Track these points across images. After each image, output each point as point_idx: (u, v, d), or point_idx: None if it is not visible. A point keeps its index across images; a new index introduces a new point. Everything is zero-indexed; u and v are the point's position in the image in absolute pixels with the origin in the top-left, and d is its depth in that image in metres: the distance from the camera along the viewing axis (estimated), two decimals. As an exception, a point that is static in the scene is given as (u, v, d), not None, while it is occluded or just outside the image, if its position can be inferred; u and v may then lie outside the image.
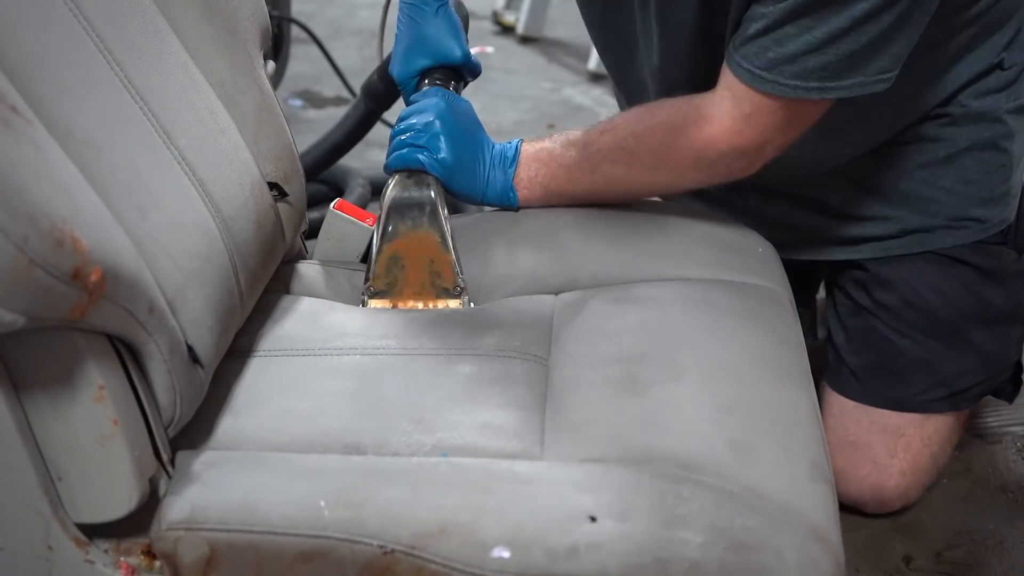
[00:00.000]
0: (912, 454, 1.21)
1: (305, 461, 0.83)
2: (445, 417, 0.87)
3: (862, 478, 1.21)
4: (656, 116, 1.09)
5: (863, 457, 1.21)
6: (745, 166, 1.07)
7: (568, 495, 0.77)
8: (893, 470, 1.21)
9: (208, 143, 0.94)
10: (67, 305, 0.66)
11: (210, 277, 0.88)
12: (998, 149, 1.18)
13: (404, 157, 1.08)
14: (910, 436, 1.21)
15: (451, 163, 1.08)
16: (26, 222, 0.62)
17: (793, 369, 0.96)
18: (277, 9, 2.22)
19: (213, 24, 1.00)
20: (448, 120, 1.09)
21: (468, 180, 1.11)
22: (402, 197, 1.07)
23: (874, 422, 1.22)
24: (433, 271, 1.07)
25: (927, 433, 1.22)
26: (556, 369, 0.95)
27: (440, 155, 1.07)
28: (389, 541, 0.75)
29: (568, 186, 1.12)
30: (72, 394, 0.72)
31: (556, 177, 1.12)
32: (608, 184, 1.11)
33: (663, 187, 1.14)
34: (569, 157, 1.11)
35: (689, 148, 1.06)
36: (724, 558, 0.72)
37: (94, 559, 0.78)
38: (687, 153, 1.06)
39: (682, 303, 1.01)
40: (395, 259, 1.07)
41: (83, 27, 0.83)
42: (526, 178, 1.13)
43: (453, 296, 1.08)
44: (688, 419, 0.86)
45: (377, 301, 1.09)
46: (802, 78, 0.97)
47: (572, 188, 1.13)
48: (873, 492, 1.22)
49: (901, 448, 1.21)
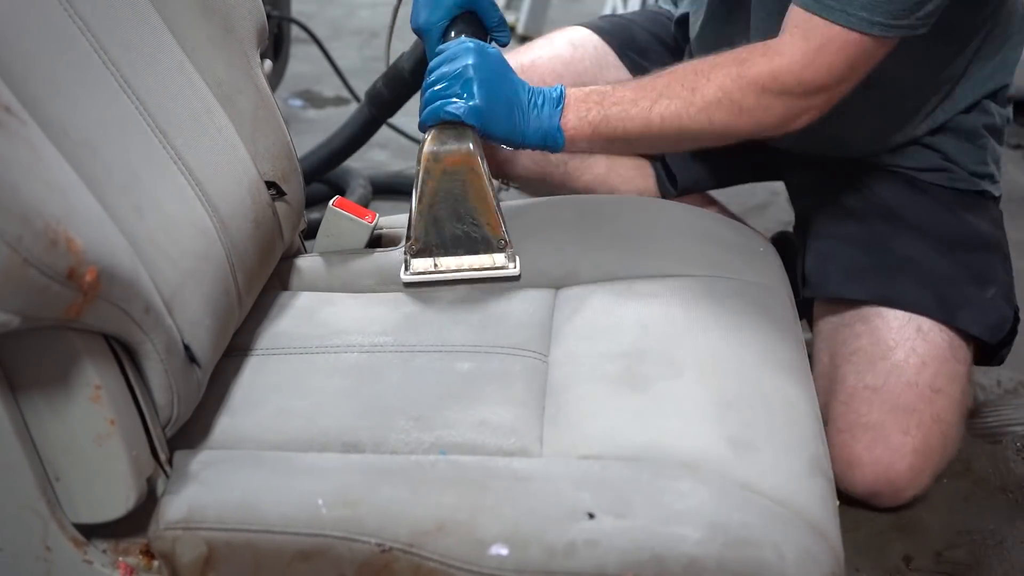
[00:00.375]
0: (924, 431, 1.21)
1: (303, 460, 0.83)
2: (443, 414, 0.87)
3: (876, 460, 1.21)
4: (722, 55, 1.11)
5: (877, 439, 1.21)
6: (803, 111, 1.10)
7: (566, 492, 0.77)
8: (906, 449, 1.21)
9: (205, 142, 0.94)
10: (62, 305, 0.66)
11: (207, 276, 0.88)
12: None
13: (436, 111, 1.07)
14: (921, 412, 1.21)
15: (484, 109, 1.06)
16: (20, 222, 0.62)
17: (792, 366, 0.95)
18: (277, 9, 2.22)
19: (210, 23, 1.00)
20: (480, 65, 1.07)
21: (506, 123, 1.09)
22: (439, 151, 1.04)
23: (885, 401, 1.22)
24: (474, 223, 1.05)
25: (937, 409, 1.22)
26: (555, 366, 0.94)
27: (473, 101, 1.06)
28: (387, 539, 0.75)
29: (620, 124, 1.11)
30: (69, 394, 0.72)
31: (608, 115, 1.11)
32: (664, 122, 1.10)
33: (721, 126, 1.12)
34: (623, 96, 1.11)
35: (755, 80, 1.07)
36: (723, 554, 0.72)
37: (92, 559, 0.79)
38: (752, 86, 1.08)
39: (682, 300, 1.01)
40: (435, 214, 1.05)
41: (78, 27, 0.83)
42: (574, 118, 1.11)
43: (497, 249, 1.07)
44: (687, 415, 0.86)
45: (419, 260, 1.07)
46: (868, 10, 1.02)
47: (624, 126, 1.11)
48: (888, 475, 1.21)
49: (913, 425, 1.21)
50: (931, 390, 1.23)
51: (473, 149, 1.04)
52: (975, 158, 1.33)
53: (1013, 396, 1.54)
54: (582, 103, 1.12)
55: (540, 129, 1.11)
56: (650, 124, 1.11)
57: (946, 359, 1.25)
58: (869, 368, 1.25)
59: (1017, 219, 2.08)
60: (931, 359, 1.24)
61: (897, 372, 1.23)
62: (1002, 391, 1.55)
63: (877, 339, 1.26)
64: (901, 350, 1.24)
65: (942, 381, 1.24)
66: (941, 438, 1.24)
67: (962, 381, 1.27)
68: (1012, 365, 1.57)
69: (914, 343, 1.25)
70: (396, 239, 1.17)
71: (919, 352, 1.24)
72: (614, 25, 1.53)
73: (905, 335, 1.25)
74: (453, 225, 1.06)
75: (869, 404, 1.23)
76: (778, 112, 1.10)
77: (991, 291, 1.28)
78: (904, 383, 1.23)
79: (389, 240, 1.18)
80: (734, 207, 1.67)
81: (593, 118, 1.11)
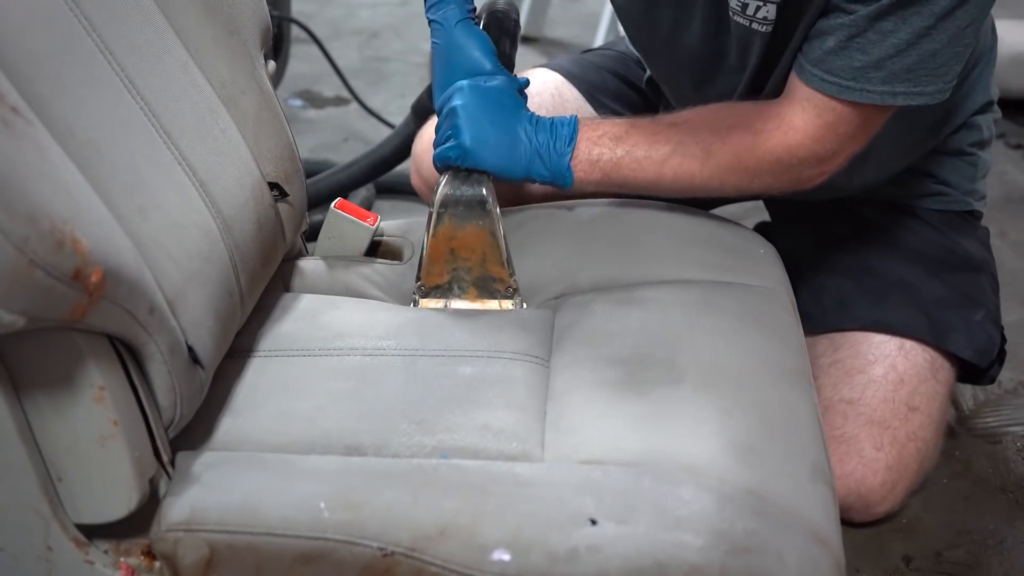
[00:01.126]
0: (898, 448, 1.21)
1: (305, 462, 0.83)
2: (445, 418, 0.87)
3: (848, 474, 1.20)
4: (736, 117, 1.10)
5: (850, 452, 1.21)
6: (815, 175, 1.10)
7: (568, 497, 0.77)
8: (879, 464, 1.20)
9: (209, 143, 0.94)
10: (67, 306, 0.66)
11: (210, 277, 0.87)
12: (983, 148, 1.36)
13: (436, 156, 1.07)
14: (896, 429, 1.21)
15: (471, 145, 1.05)
16: (26, 223, 0.62)
17: (793, 371, 0.95)
18: (277, 9, 2.22)
19: (214, 24, 1.00)
20: (470, 102, 1.07)
21: (505, 158, 1.08)
22: (452, 195, 1.05)
23: (860, 414, 1.22)
24: (484, 269, 1.06)
25: (913, 428, 1.22)
26: (557, 371, 0.94)
27: (459, 139, 1.05)
28: (389, 543, 0.75)
29: (632, 173, 1.10)
30: (72, 395, 0.72)
31: (620, 165, 1.10)
32: (676, 178, 1.10)
33: (732, 188, 1.12)
34: (636, 144, 1.10)
35: (770, 152, 1.07)
36: (725, 561, 0.72)
37: (94, 560, 0.78)
38: (768, 157, 1.07)
39: (683, 305, 1.01)
40: (445, 257, 1.06)
41: (84, 27, 0.83)
42: (586, 161, 1.09)
43: (505, 296, 1.07)
44: (689, 421, 0.86)
45: (429, 300, 1.08)
46: (889, 83, 1.00)
47: (636, 176, 1.10)
48: (859, 490, 1.21)
49: (887, 441, 1.21)
50: (908, 407, 1.23)
51: (485, 194, 1.05)
52: (967, 175, 1.34)
53: (1013, 396, 1.55)
54: (596, 144, 1.10)
55: (549, 167, 1.10)
56: (662, 177, 1.10)
57: (925, 378, 1.25)
58: (846, 381, 1.25)
59: (1017, 219, 2.09)
60: (910, 377, 1.24)
61: (874, 387, 1.23)
62: (1002, 391, 1.56)
63: (856, 352, 1.26)
64: (880, 365, 1.25)
65: (920, 399, 1.24)
66: (916, 456, 1.23)
67: (941, 400, 1.27)
68: (1012, 365, 1.58)
69: (894, 360, 1.25)
70: (396, 250, 1.18)
71: (898, 369, 1.24)
72: (583, 68, 1.50)
73: (885, 351, 1.25)
74: (463, 270, 1.07)
75: (844, 417, 1.23)
76: (790, 180, 1.11)
77: (980, 314, 1.29)
78: (880, 398, 1.23)
79: (389, 250, 1.18)
80: (732, 208, 1.67)
81: (605, 163, 1.10)
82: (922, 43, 0.98)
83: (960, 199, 1.34)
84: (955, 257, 1.31)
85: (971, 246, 1.33)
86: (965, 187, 1.34)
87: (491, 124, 1.07)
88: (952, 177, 1.33)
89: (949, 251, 1.31)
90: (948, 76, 1.02)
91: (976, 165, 1.34)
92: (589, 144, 1.10)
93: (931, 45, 0.98)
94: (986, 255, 1.35)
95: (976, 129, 1.33)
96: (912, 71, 1.00)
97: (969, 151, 1.33)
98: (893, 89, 1.01)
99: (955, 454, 1.42)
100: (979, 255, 1.34)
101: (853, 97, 1.02)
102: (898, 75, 1.00)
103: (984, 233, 1.37)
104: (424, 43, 3.15)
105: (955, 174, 1.33)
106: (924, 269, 1.29)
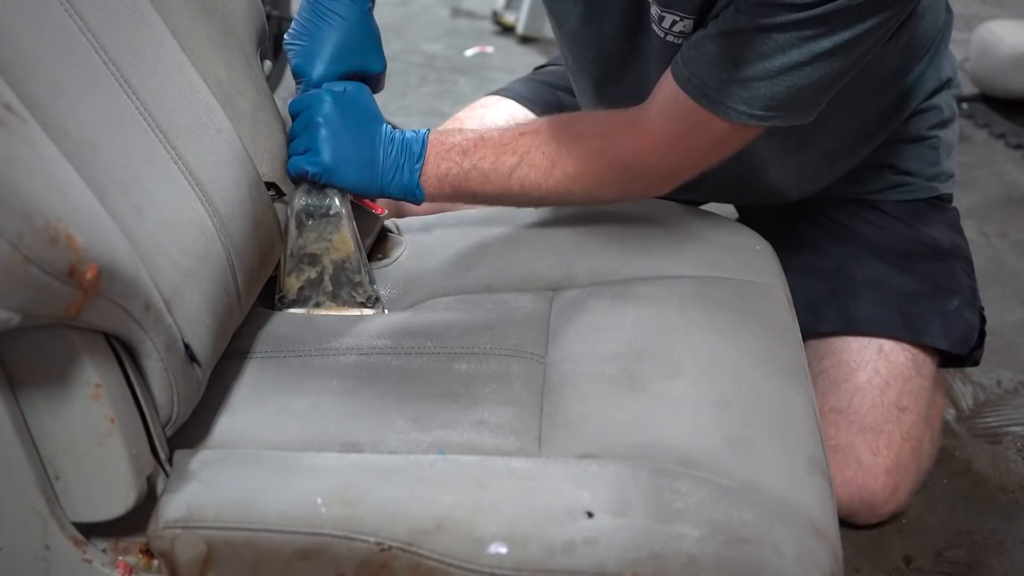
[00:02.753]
0: (894, 450, 1.21)
1: (302, 459, 0.83)
2: (442, 415, 0.87)
3: (848, 480, 1.20)
4: (584, 123, 1.08)
5: (847, 459, 1.21)
6: (664, 184, 1.08)
7: (565, 491, 0.77)
8: (878, 469, 1.20)
9: (205, 143, 0.94)
10: (62, 303, 0.66)
11: (207, 276, 0.88)
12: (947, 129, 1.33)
13: (291, 165, 1.06)
14: (889, 432, 1.21)
15: (332, 165, 1.04)
16: (20, 220, 0.62)
17: (790, 365, 0.96)
18: (277, 9, 2.23)
19: (210, 24, 1.00)
20: (334, 116, 1.05)
21: (361, 177, 1.06)
22: (305, 205, 1.05)
23: (852, 422, 1.22)
24: (344, 279, 1.07)
25: (905, 428, 1.22)
26: (553, 366, 0.95)
27: (319, 158, 1.04)
28: (386, 538, 0.75)
29: (480, 186, 1.08)
30: (69, 392, 0.72)
31: (468, 178, 1.08)
32: (523, 189, 1.07)
33: (580, 197, 1.10)
34: (483, 157, 1.07)
35: (616, 159, 1.05)
36: (721, 552, 0.72)
37: (92, 558, 0.78)
38: (614, 164, 1.05)
39: (679, 300, 1.01)
40: (303, 268, 1.06)
41: (79, 27, 0.83)
42: (434, 176, 1.08)
43: (367, 306, 1.07)
44: (685, 415, 0.86)
45: (291, 309, 1.08)
46: (748, 104, 0.98)
47: (484, 190, 1.08)
48: (861, 495, 1.21)
49: (883, 445, 1.21)
50: (897, 409, 1.23)
51: (338, 204, 1.04)
52: (929, 160, 1.31)
53: (1013, 396, 1.55)
54: (443, 159, 1.08)
55: (400, 183, 1.08)
56: (509, 189, 1.08)
57: (909, 377, 1.25)
58: (833, 391, 1.25)
59: (1017, 219, 2.10)
60: (894, 378, 1.24)
61: (861, 393, 1.23)
62: (1002, 391, 1.56)
63: (839, 361, 1.26)
64: (863, 372, 1.24)
65: (907, 399, 1.24)
66: (913, 455, 1.24)
67: (927, 395, 1.27)
68: (1012, 365, 1.58)
69: (876, 364, 1.25)
70: (390, 248, 1.17)
71: (882, 373, 1.24)
72: (536, 91, 1.49)
73: (866, 356, 1.25)
74: (321, 280, 1.07)
75: (836, 427, 1.23)
76: (639, 188, 1.09)
77: (955, 302, 1.28)
78: (869, 404, 1.23)
79: (388, 245, 1.18)
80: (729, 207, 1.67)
81: (454, 177, 1.08)
82: (792, 76, 0.95)
83: (924, 186, 1.32)
84: (923, 248, 1.30)
85: (940, 233, 1.31)
86: (928, 172, 1.32)
87: (351, 141, 1.06)
88: (914, 165, 1.31)
89: (917, 242, 1.30)
90: (812, 110, 1.01)
91: (938, 148, 1.32)
92: (437, 159, 1.08)
93: (799, 81, 0.96)
94: (956, 239, 1.33)
95: (934, 111, 1.30)
96: (775, 99, 0.97)
97: (929, 135, 1.30)
98: (751, 110, 0.98)
99: (955, 454, 1.42)
100: (949, 242, 1.32)
101: (712, 107, 0.99)
102: (761, 99, 0.97)
103: (954, 216, 1.36)
104: (425, 43, 3.17)
105: (917, 161, 1.31)
106: (893, 264, 1.28)
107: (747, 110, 0.98)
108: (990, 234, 2.02)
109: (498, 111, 1.44)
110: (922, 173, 1.32)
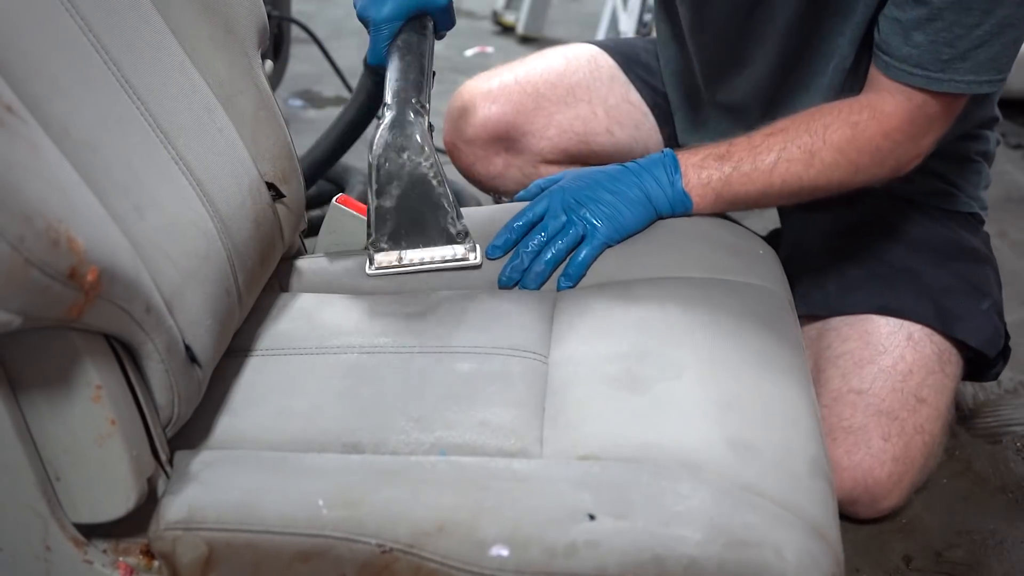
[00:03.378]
0: (905, 439, 1.21)
1: (303, 460, 0.83)
2: (443, 415, 0.87)
3: (856, 465, 1.20)
4: (827, 116, 1.14)
5: (859, 443, 1.21)
6: (912, 161, 1.15)
7: (567, 493, 0.77)
8: (886, 456, 1.21)
9: (206, 143, 0.94)
10: (63, 305, 0.66)
11: (208, 277, 0.87)
12: None
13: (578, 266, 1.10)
14: (904, 420, 1.21)
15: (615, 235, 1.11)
16: (21, 222, 0.62)
17: (792, 367, 0.95)
18: (277, 9, 2.22)
19: (211, 24, 1.00)
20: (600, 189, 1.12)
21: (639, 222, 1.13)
22: (391, 143, 1.02)
23: (869, 404, 1.22)
24: (431, 216, 1.06)
25: (920, 420, 1.22)
26: (555, 367, 0.94)
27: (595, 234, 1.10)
28: (387, 540, 0.75)
29: (742, 187, 1.14)
30: (69, 394, 0.72)
31: (730, 180, 1.14)
32: (784, 184, 1.14)
33: (837, 185, 1.16)
34: (740, 160, 1.14)
35: (870, 142, 1.12)
36: (723, 555, 0.72)
37: (92, 559, 0.78)
38: (868, 147, 1.12)
39: (682, 302, 1.01)
40: (392, 209, 1.05)
41: (80, 27, 0.83)
42: (697, 184, 1.14)
43: (456, 241, 1.08)
44: (687, 417, 0.86)
45: (383, 255, 1.08)
46: (975, 72, 1.07)
47: (746, 190, 1.15)
48: (866, 482, 1.21)
49: (895, 432, 1.21)
50: (916, 399, 1.23)
51: (421, 142, 1.02)
52: (973, 181, 1.36)
53: (1013, 396, 1.55)
54: (701, 168, 1.15)
55: (665, 199, 1.14)
56: (771, 186, 1.14)
57: (933, 370, 1.25)
58: (856, 372, 1.25)
59: (1017, 219, 2.09)
60: (918, 368, 1.24)
61: (883, 376, 1.24)
62: (1002, 391, 1.56)
63: (867, 343, 1.26)
64: (889, 356, 1.25)
65: (927, 391, 1.24)
66: (923, 449, 1.23)
67: (948, 394, 1.27)
68: (1012, 365, 1.58)
69: (903, 350, 1.25)
70: None
71: (907, 360, 1.24)
72: (617, 43, 1.56)
73: (895, 341, 1.26)
74: (411, 219, 1.06)
75: (853, 407, 1.23)
76: (892, 166, 1.15)
77: (986, 303, 1.30)
78: (889, 388, 1.23)
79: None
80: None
81: (716, 182, 1.15)
82: (1006, 32, 1.04)
83: (966, 201, 1.36)
84: (960, 249, 1.33)
85: (975, 240, 1.35)
86: (970, 191, 1.36)
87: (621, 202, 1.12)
88: (959, 180, 1.35)
89: (955, 243, 1.33)
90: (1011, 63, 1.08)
91: (980, 173, 1.37)
92: (695, 169, 1.15)
93: (1014, 33, 1.04)
94: (988, 252, 1.37)
95: (983, 140, 1.36)
96: (995, 60, 1.06)
97: (975, 159, 1.36)
98: (979, 78, 1.07)
99: (955, 454, 1.42)
100: (983, 249, 1.36)
101: (942, 88, 1.08)
102: (983, 64, 1.06)
103: (986, 236, 1.40)
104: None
105: (962, 178, 1.35)
106: (930, 258, 1.30)
107: (974, 79, 1.07)
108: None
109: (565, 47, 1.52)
110: (965, 190, 1.36)
